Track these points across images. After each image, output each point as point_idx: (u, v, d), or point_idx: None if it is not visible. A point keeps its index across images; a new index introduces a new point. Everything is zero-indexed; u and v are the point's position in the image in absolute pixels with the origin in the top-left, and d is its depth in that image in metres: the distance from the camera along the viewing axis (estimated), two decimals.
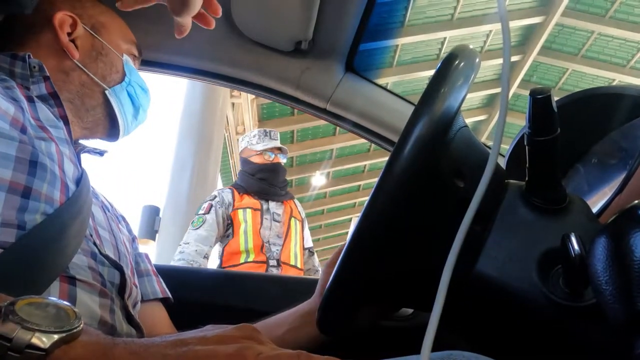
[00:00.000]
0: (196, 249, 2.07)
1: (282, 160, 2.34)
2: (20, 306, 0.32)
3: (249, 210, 2.19)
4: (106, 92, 0.69)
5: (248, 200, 2.24)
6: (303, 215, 2.37)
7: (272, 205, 2.26)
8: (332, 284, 0.50)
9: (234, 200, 2.22)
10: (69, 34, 0.66)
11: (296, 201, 2.40)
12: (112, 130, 0.72)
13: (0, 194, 0.48)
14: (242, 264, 2.12)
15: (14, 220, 0.48)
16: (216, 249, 2.23)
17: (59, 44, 0.65)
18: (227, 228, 2.19)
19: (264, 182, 2.25)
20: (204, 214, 2.16)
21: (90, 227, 0.60)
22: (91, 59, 0.68)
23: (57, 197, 0.53)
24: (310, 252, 2.34)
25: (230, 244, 2.15)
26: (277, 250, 2.16)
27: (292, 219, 2.27)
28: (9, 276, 0.46)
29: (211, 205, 2.18)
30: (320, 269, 2.31)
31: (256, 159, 2.29)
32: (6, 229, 0.47)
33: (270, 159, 2.29)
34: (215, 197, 2.23)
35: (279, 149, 2.32)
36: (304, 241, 2.32)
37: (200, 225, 2.13)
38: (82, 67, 0.66)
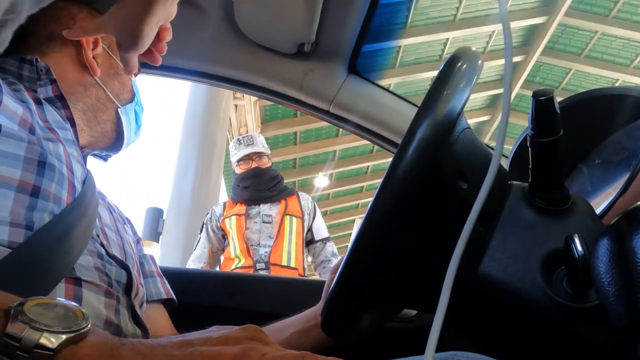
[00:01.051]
0: (198, 266, 2.24)
1: (264, 162, 2.33)
2: (29, 307, 0.32)
3: (233, 217, 2.27)
4: (119, 110, 0.71)
5: (238, 207, 2.31)
6: (307, 209, 2.33)
7: (265, 207, 2.27)
8: (336, 285, 0.50)
9: (224, 211, 2.33)
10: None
11: (301, 195, 2.37)
12: (115, 143, 0.74)
13: (10, 193, 0.49)
14: (233, 269, 2.20)
15: (22, 220, 0.49)
16: None
17: (82, 59, 0.67)
18: (225, 238, 2.30)
19: (248, 190, 2.30)
20: (199, 233, 2.35)
21: (97, 228, 0.60)
22: (109, 77, 0.70)
23: (64, 197, 0.54)
24: (323, 242, 2.32)
25: (226, 252, 2.28)
26: (266, 252, 2.18)
27: (287, 216, 2.26)
28: (16, 277, 0.46)
29: (203, 223, 2.36)
30: (333, 258, 2.28)
31: (237, 170, 2.35)
32: (15, 229, 0.48)
33: (249, 166, 2.31)
34: (208, 213, 2.38)
35: (257, 153, 2.32)
36: (313, 235, 2.31)
37: (196, 245, 2.33)
38: (101, 84, 0.69)
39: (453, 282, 0.36)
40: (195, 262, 2.26)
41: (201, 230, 2.34)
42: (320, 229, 2.34)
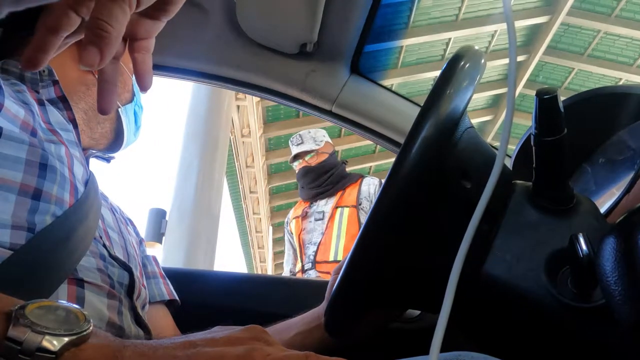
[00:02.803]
0: (287, 269, 2.40)
1: (313, 160, 2.32)
2: (31, 310, 0.32)
3: (293, 221, 2.37)
4: (119, 109, 0.71)
5: (298, 210, 2.38)
6: (366, 194, 2.22)
7: (321, 203, 2.29)
8: (339, 285, 0.50)
9: (292, 215, 2.43)
10: None
11: (365, 181, 2.27)
12: (114, 144, 0.74)
13: (11, 196, 0.49)
14: (295, 273, 2.29)
15: (24, 223, 0.49)
16: None
17: None
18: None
19: (304, 189, 2.36)
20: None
21: (99, 229, 0.60)
22: None
23: (67, 198, 0.54)
24: None
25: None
26: (314, 250, 2.19)
27: (338, 209, 2.23)
28: (18, 278, 0.46)
29: (285, 230, 2.48)
30: None
31: (296, 170, 2.42)
32: (17, 232, 0.48)
33: (301, 166, 2.36)
34: (286, 219, 2.49)
35: (305, 152, 2.34)
36: None
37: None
38: None
39: (457, 281, 0.36)
40: (287, 263, 2.40)
41: (284, 236, 2.46)
42: None
